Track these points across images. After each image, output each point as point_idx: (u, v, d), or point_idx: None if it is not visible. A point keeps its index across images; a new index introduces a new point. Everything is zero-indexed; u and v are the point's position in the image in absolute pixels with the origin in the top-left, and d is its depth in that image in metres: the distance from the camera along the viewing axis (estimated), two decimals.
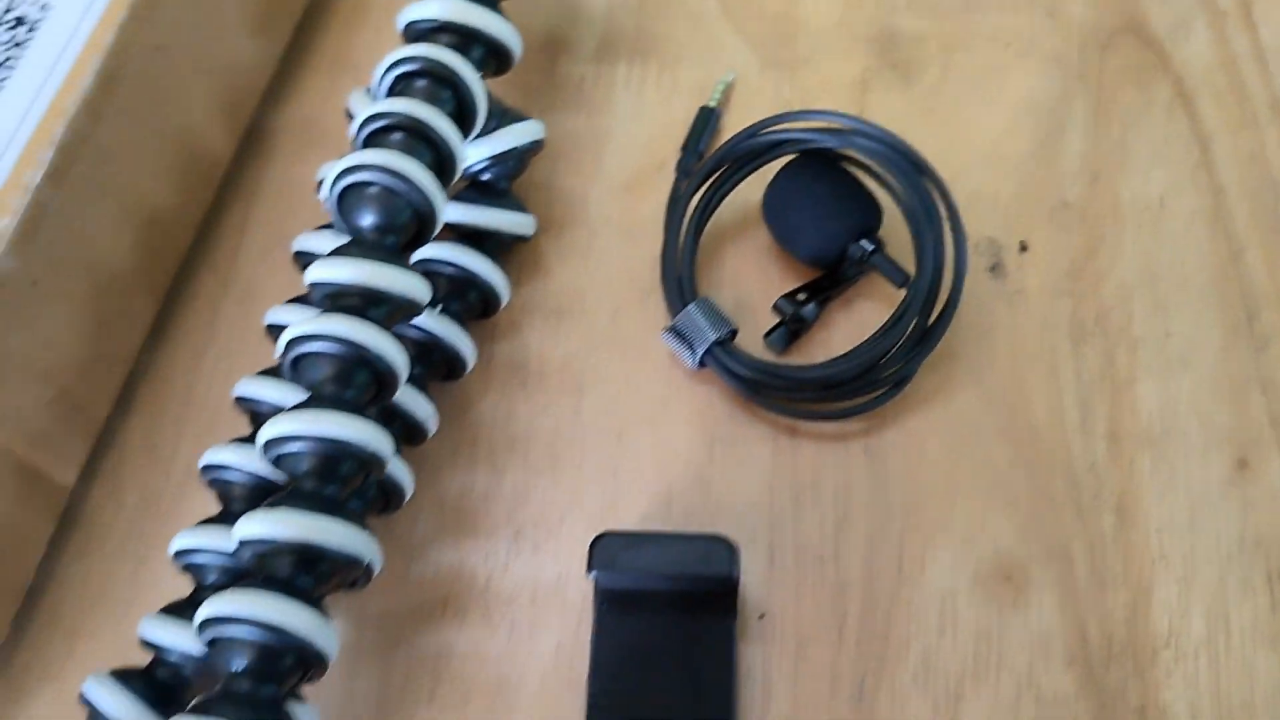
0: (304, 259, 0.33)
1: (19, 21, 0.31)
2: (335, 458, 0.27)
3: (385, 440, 0.27)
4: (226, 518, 0.30)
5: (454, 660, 0.31)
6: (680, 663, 0.30)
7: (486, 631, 0.31)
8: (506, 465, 0.34)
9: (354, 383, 0.27)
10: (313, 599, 0.26)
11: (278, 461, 0.27)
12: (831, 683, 0.30)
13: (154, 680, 0.29)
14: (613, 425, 0.34)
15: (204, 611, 0.26)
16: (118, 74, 0.31)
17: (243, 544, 0.26)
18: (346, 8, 0.42)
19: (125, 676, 0.28)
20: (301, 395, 0.28)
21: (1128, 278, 0.35)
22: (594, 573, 0.29)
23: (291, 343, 0.27)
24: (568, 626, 0.31)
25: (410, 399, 0.31)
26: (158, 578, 0.33)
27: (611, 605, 0.30)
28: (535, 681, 0.31)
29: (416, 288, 0.28)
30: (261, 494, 0.30)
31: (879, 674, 0.30)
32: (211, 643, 0.26)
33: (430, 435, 0.32)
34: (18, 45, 0.31)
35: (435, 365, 0.33)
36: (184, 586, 0.30)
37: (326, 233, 0.33)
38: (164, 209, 0.34)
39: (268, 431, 0.27)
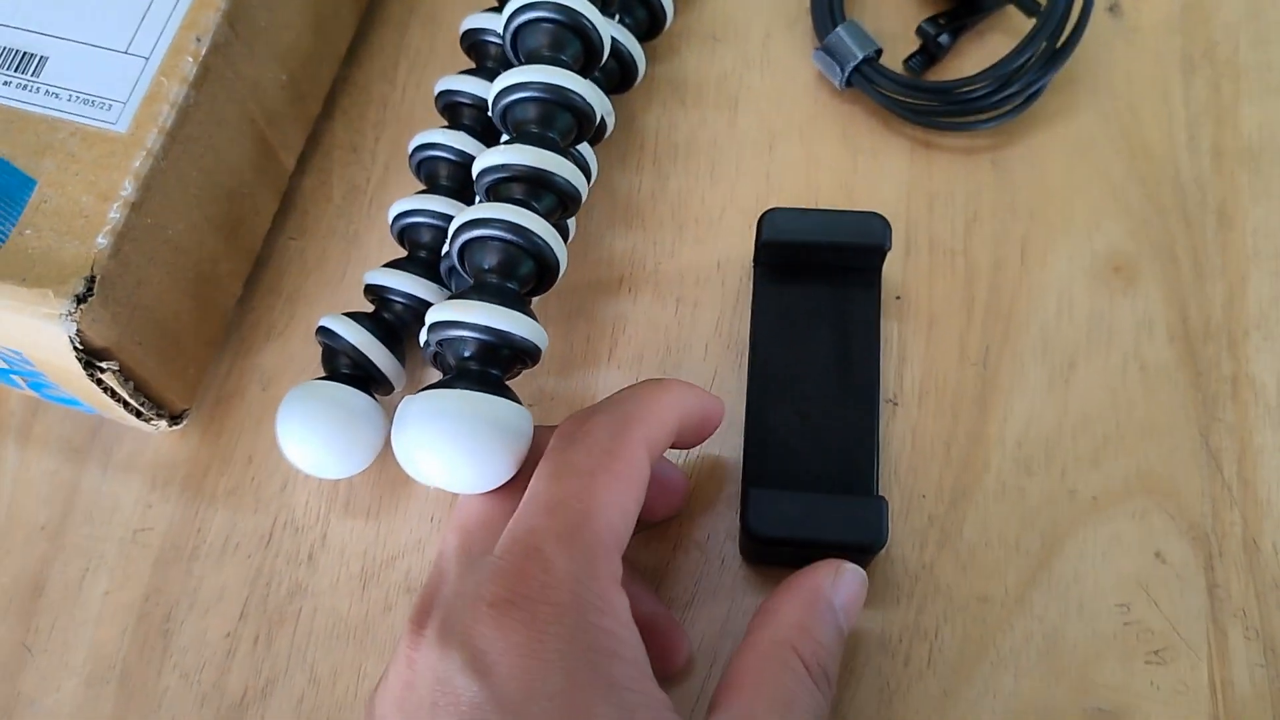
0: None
1: None
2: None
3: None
4: (436, 191, 0.35)
5: (629, 327, 0.36)
6: (831, 328, 0.34)
7: (658, 305, 0.36)
8: (670, 170, 0.38)
9: (567, 46, 0.31)
10: (523, 303, 0.30)
11: (507, 111, 0.31)
12: (960, 353, 0.35)
13: (380, 319, 0.34)
14: (764, 138, 0.38)
15: (434, 316, 0.29)
16: None
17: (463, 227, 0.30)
18: None
19: (356, 316, 0.33)
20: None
21: (1232, 17, 0.39)
22: (762, 237, 0.33)
23: (512, 14, 0.31)
24: (728, 303, 0.36)
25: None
26: (366, 254, 0.37)
27: (772, 275, 0.34)
28: (700, 346, 0.35)
29: None
30: (465, 173, 0.34)
31: (1001, 347, 0.35)
32: (441, 343, 0.29)
33: (609, 132, 0.36)
34: None
35: (609, 72, 0.36)
36: (389, 258, 0.34)
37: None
38: (306, 58, 0.37)
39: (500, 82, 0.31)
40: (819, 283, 0.34)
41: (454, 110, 0.36)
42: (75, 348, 0.29)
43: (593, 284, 0.36)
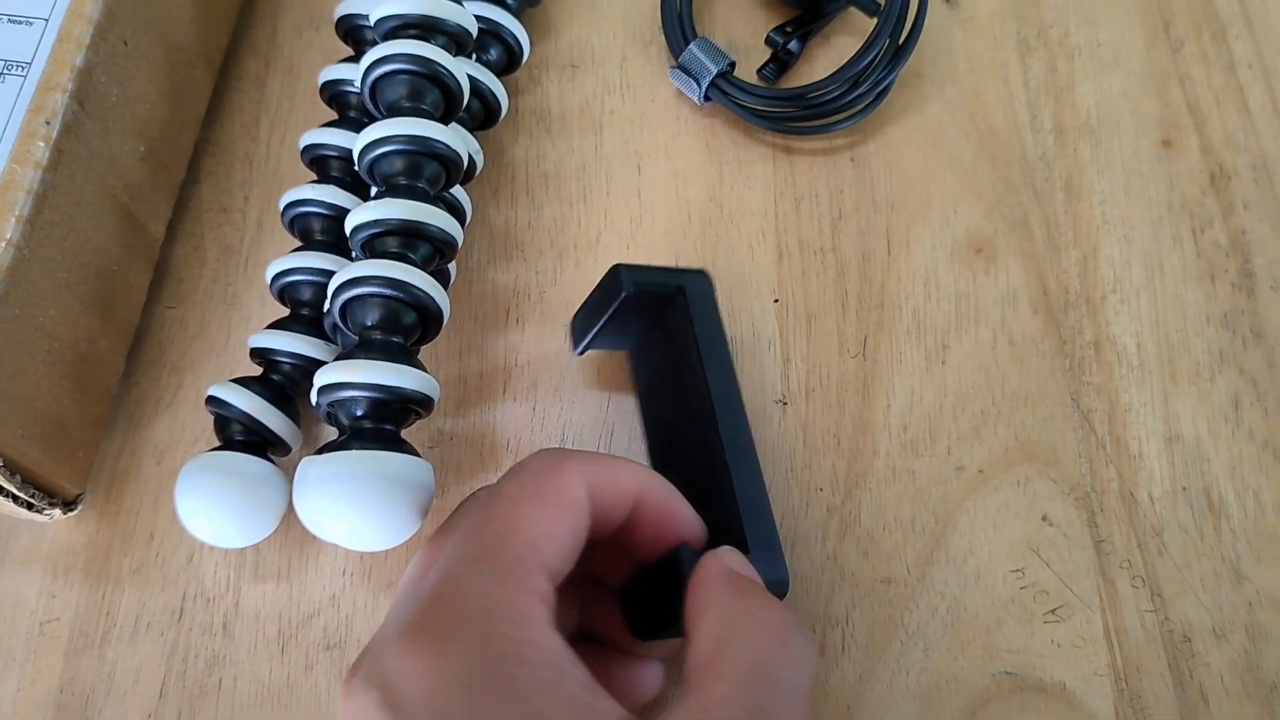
0: (346, 23, 0.37)
1: None
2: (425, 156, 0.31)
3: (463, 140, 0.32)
4: (311, 246, 0.35)
5: (520, 357, 0.36)
6: (672, 368, 0.32)
7: (546, 333, 0.37)
8: (543, 199, 0.38)
9: (426, 95, 0.32)
10: (410, 355, 0.30)
11: (374, 165, 0.31)
12: (840, 345, 0.36)
13: (269, 381, 0.34)
14: (631, 159, 0.39)
15: (322, 379, 0.29)
16: None
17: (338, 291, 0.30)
18: None
19: (244, 381, 0.33)
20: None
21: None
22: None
23: (370, 67, 0.31)
24: None
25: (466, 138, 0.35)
26: (247, 315, 0.37)
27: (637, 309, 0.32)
28: (593, 371, 0.36)
29: (468, 18, 0.32)
30: (339, 226, 0.34)
31: (878, 335, 0.36)
32: (333, 404, 0.29)
33: (479, 169, 0.36)
34: None
35: (473, 112, 0.37)
36: (272, 317, 0.34)
37: None
38: (208, 5, 0.37)
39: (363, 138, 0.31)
40: (657, 335, 0.33)
41: (321, 163, 0.36)
42: None
43: (480, 319, 0.37)
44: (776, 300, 0.37)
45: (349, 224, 0.31)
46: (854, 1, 0.39)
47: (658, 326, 0.33)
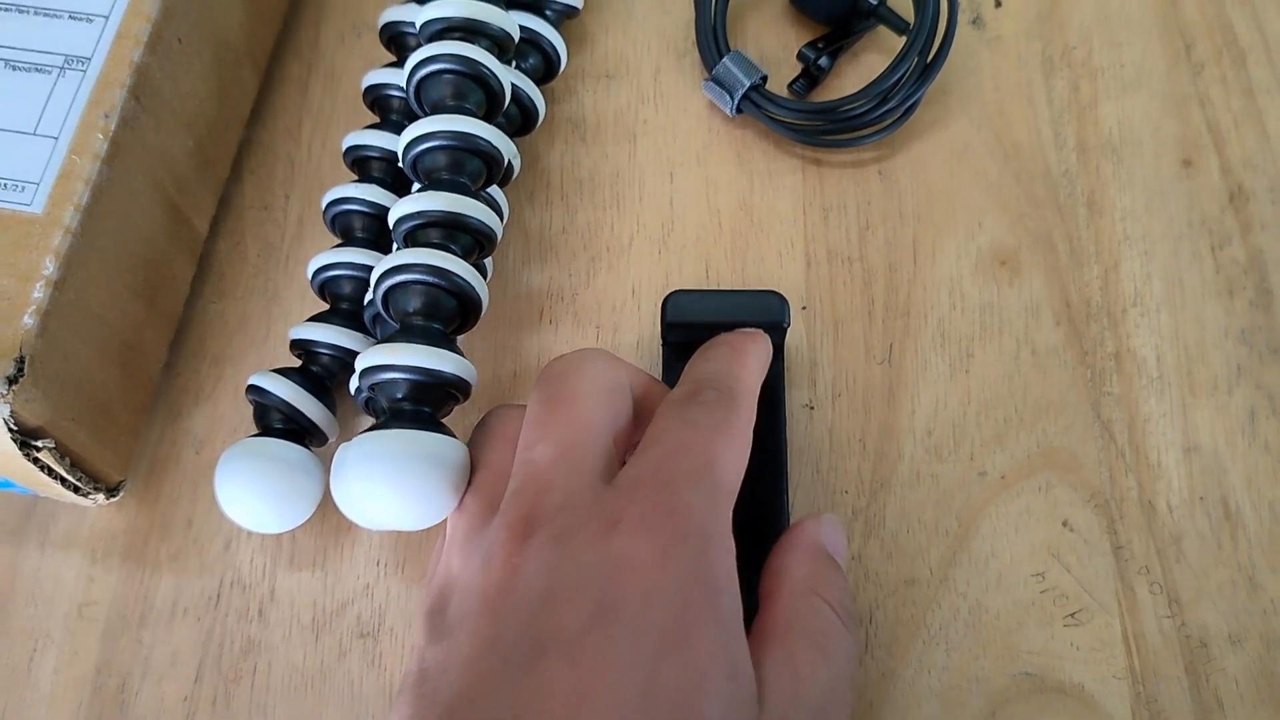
0: (390, 30, 0.38)
1: None
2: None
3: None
4: (351, 243, 0.35)
5: (552, 357, 0.37)
6: None
7: (578, 333, 0.37)
8: (577, 204, 0.39)
9: (469, 95, 0.33)
10: (450, 342, 0.31)
11: (417, 161, 0.32)
12: (866, 352, 0.37)
13: (308, 372, 0.34)
14: (664, 167, 0.40)
15: (364, 362, 0.30)
16: None
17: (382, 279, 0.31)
18: None
19: (284, 371, 0.34)
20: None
21: (1086, 21, 0.42)
22: (664, 325, 0.34)
23: (415, 67, 0.32)
24: (645, 326, 0.37)
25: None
26: (287, 310, 0.38)
27: (680, 351, 0.34)
28: None
29: (511, 23, 0.34)
30: (379, 224, 0.35)
31: (903, 343, 0.37)
32: (373, 387, 0.30)
33: (516, 174, 0.37)
34: None
35: (511, 117, 0.38)
36: (311, 313, 0.35)
37: (410, 5, 0.38)
38: (257, 6, 0.38)
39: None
40: None
41: (363, 164, 0.37)
42: (10, 429, 0.29)
43: (514, 319, 0.38)
44: (805, 307, 0.38)
45: (393, 215, 0.32)
46: (883, 20, 0.40)
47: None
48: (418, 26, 0.34)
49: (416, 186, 0.33)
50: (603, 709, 0.23)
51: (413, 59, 0.32)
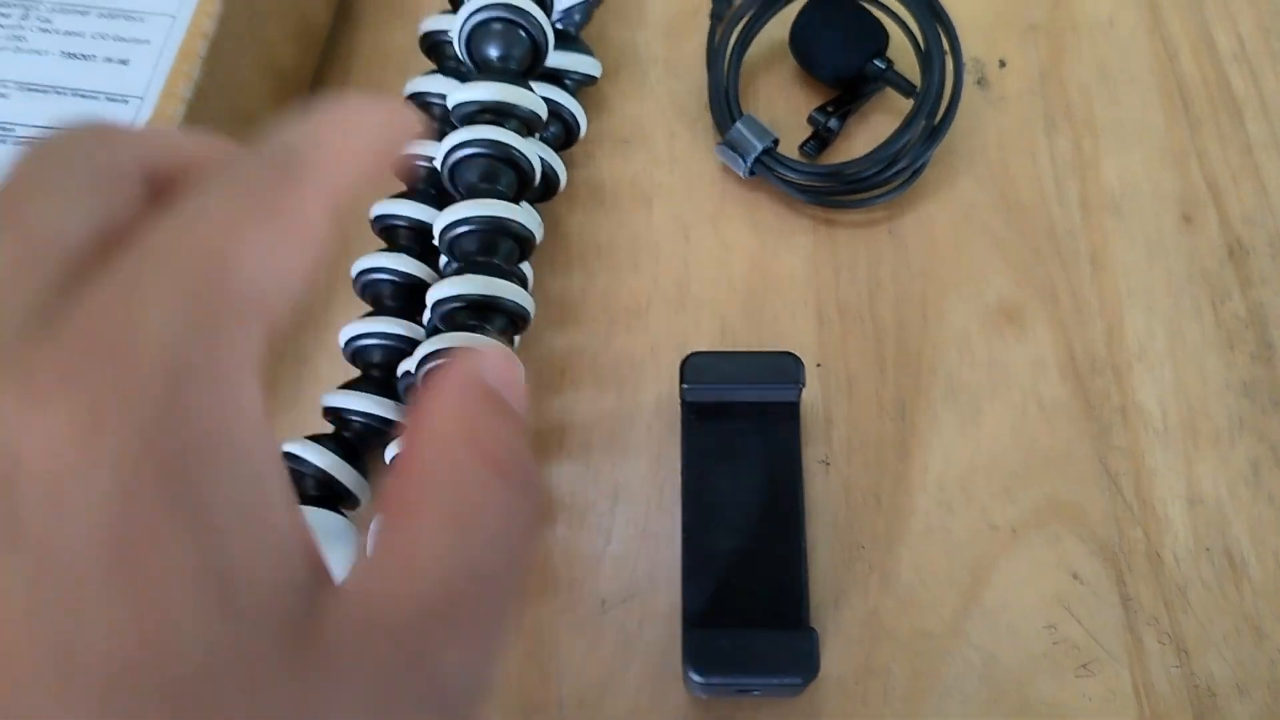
0: (416, 100, 0.39)
1: None
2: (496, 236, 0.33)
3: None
4: (381, 312, 0.37)
5: (575, 417, 0.38)
6: (757, 459, 0.35)
7: (599, 394, 0.39)
8: (596, 267, 0.41)
9: (500, 177, 0.34)
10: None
11: (454, 243, 0.34)
12: (879, 408, 0.38)
13: (341, 439, 0.36)
14: (679, 229, 0.41)
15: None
16: None
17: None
18: None
19: (319, 438, 0.35)
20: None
21: (1087, 80, 0.43)
22: (683, 387, 0.35)
23: (448, 154, 0.34)
24: (663, 386, 0.39)
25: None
26: (316, 375, 0.39)
27: (698, 414, 0.35)
28: (643, 427, 0.38)
29: (539, 104, 0.35)
30: (409, 294, 0.37)
31: (914, 398, 0.38)
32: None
33: (538, 243, 0.39)
34: None
35: (533, 185, 0.39)
36: (341, 378, 0.37)
37: (436, 77, 0.39)
38: (287, 69, 0.40)
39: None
40: (743, 416, 0.35)
41: (391, 233, 0.38)
42: None
43: (537, 381, 0.39)
44: (819, 364, 0.39)
45: (431, 296, 0.33)
46: (891, 83, 0.41)
47: (754, 412, 0.35)
48: (450, 106, 0.35)
49: (449, 263, 0.35)
50: None
51: (446, 142, 0.34)
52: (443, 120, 0.38)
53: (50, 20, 0.35)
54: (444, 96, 0.37)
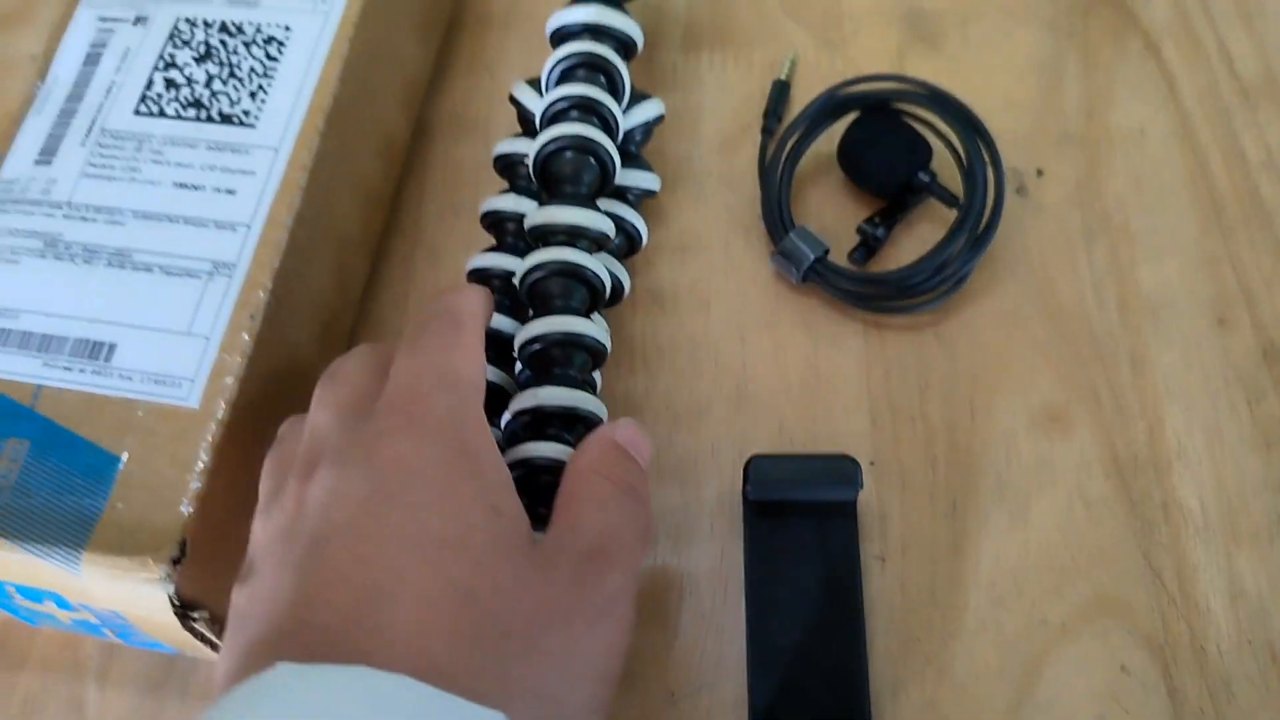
0: (491, 217, 0.42)
1: (270, 40, 0.40)
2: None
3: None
4: None
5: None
6: (818, 558, 0.37)
7: (663, 493, 0.41)
8: (658, 370, 0.43)
9: (574, 294, 0.37)
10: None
11: (532, 358, 0.36)
12: (931, 505, 0.40)
13: None
14: (736, 332, 0.44)
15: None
16: (348, 77, 0.39)
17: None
18: (473, 17, 0.51)
19: None
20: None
21: (1121, 189, 0.45)
22: (746, 488, 0.38)
23: (527, 274, 0.37)
24: (724, 483, 0.41)
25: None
26: None
27: (760, 512, 0.38)
28: (706, 525, 0.40)
29: (609, 224, 0.38)
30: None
31: (965, 497, 0.40)
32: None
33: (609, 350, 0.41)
34: (272, 60, 0.39)
35: (604, 300, 0.42)
36: None
37: (508, 196, 0.42)
38: (373, 186, 0.43)
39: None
40: (803, 514, 0.38)
41: None
42: (173, 604, 0.33)
43: None
44: (872, 463, 0.41)
45: (511, 408, 0.36)
46: (935, 194, 0.43)
47: (814, 512, 0.38)
48: (527, 227, 0.38)
49: (530, 375, 0.37)
50: (382, 561, 0.26)
51: (526, 262, 0.37)
52: (515, 235, 0.41)
53: (162, 153, 0.38)
54: (518, 214, 0.40)
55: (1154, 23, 0.49)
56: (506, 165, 0.42)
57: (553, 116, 0.39)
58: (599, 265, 0.37)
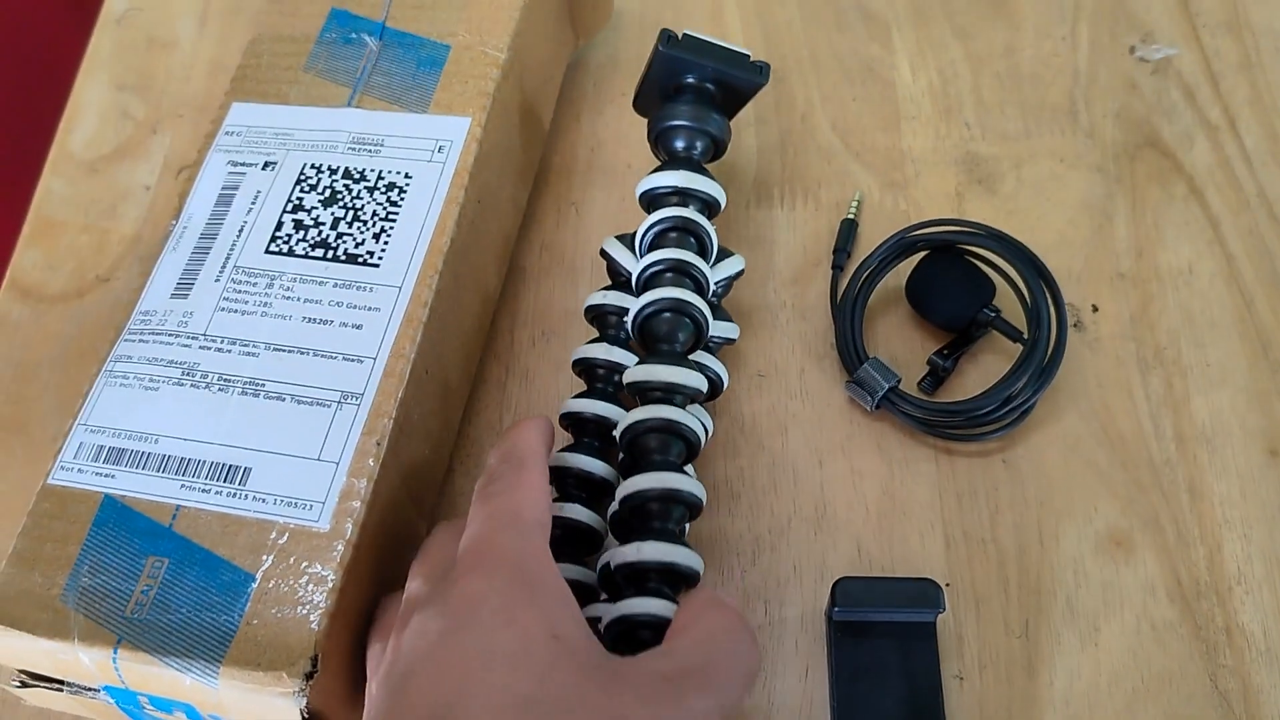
0: (584, 364, 0.45)
1: (391, 186, 0.43)
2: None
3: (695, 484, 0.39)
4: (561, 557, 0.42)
5: None
6: (900, 677, 0.40)
7: (747, 608, 0.43)
8: (740, 490, 0.46)
9: (672, 448, 0.40)
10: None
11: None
12: (1005, 627, 0.42)
13: None
14: (814, 455, 0.46)
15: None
16: (463, 222, 0.43)
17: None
18: (559, 162, 0.55)
19: None
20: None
21: (1173, 324, 0.48)
22: (834, 609, 0.40)
23: (628, 429, 0.40)
24: (806, 603, 0.43)
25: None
26: None
27: (845, 632, 0.41)
28: (791, 643, 0.42)
29: (702, 380, 0.41)
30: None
31: (1037, 618, 0.42)
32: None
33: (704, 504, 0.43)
34: (394, 204, 0.43)
35: (699, 452, 0.44)
36: None
37: (599, 345, 0.44)
38: (472, 328, 0.46)
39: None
40: (886, 634, 0.41)
41: (562, 479, 0.43)
42: (303, 717, 0.35)
43: None
44: (948, 584, 0.43)
45: (611, 562, 0.38)
46: (999, 329, 0.46)
47: (897, 631, 0.41)
48: (625, 383, 0.41)
49: (630, 528, 0.40)
50: (455, 681, 0.30)
51: (625, 421, 0.40)
52: (604, 380, 0.44)
53: (292, 289, 0.41)
54: (609, 362, 0.43)
55: (1196, 167, 0.52)
56: (597, 315, 0.46)
57: (650, 278, 0.42)
58: (695, 421, 0.40)
